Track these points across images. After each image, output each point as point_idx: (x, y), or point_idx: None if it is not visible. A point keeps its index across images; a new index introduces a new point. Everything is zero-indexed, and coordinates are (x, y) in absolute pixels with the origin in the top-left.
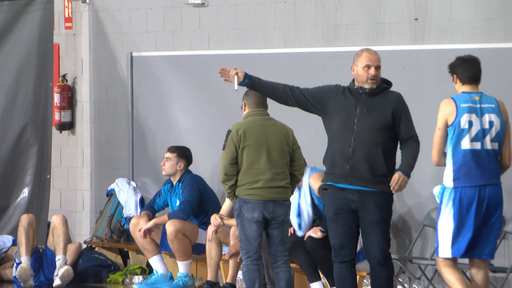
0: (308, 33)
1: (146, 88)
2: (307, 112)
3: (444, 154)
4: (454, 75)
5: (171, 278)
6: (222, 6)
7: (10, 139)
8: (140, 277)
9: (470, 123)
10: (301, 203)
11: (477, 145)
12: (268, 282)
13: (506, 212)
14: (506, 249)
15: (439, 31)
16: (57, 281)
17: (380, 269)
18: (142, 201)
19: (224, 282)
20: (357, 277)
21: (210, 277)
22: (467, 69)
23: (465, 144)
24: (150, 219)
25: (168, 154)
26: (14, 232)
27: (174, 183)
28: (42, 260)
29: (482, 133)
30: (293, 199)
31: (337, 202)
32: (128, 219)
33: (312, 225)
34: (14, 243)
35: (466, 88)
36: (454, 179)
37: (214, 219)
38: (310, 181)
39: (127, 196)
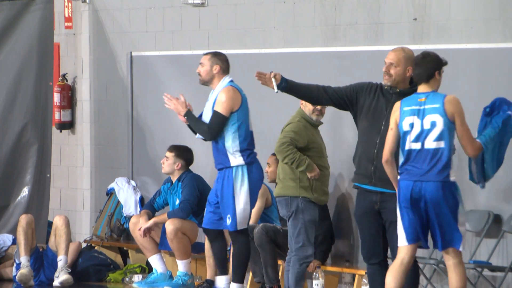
0: (307, 33)
1: (145, 87)
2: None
3: (394, 154)
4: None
5: (171, 277)
6: (221, 6)
7: (10, 138)
8: (140, 276)
9: (411, 125)
10: None
11: (417, 146)
12: (267, 281)
13: (504, 212)
14: (504, 248)
15: (438, 31)
16: (57, 283)
17: (377, 267)
18: (141, 200)
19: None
20: (356, 276)
21: (209, 276)
22: (423, 65)
23: (407, 145)
24: (149, 218)
25: (167, 153)
26: (14, 231)
27: (174, 182)
28: (42, 259)
29: (423, 134)
30: None
31: (362, 203)
32: (128, 218)
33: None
34: (14, 242)
35: (420, 88)
36: (399, 174)
37: None
38: None
39: (127, 195)
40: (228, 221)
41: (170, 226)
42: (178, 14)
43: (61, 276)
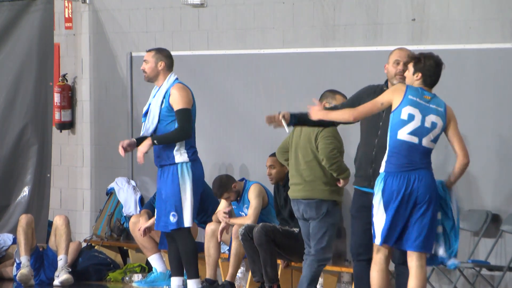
0: (306, 33)
1: (145, 87)
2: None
3: (362, 118)
4: (420, 73)
5: (170, 276)
6: (221, 6)
7: (10, 138)
8: (140, 275)
9: (411, 117)
10: None
11: (414, 140)
12: (266, 280)
13: (502, 211)
14: (502, 248)
15: (437, 32)
16: (57, 282)
17: (404, 267)
18: (141, 199)
19: (223, 280)
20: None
21: (208, 275)
22: (437, 74)
23: (402, 135)
24: (149, 217)
25: None
26: (14, 231)
27: None
28: (42, 259)
29: (422, 130)
30: None
31: (359, 199)
32: (128, 218)
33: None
34: (15, 241)
35: (424, 88)
36: (385, 165)
37: (223, 218)
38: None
39: (127, 195)
40: (173, 219)
41: None
42: (178, 15)
43: (61, 275)
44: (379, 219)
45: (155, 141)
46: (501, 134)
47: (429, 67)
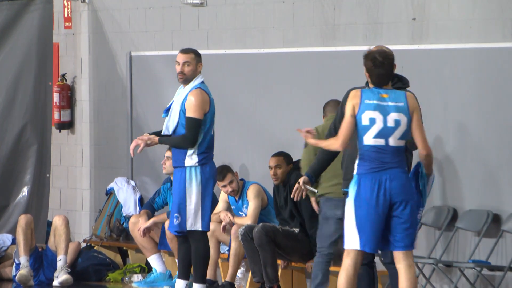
0: (306, 33)
1: (145, 87)
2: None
3: (348, 140)
4: (367, 73)
5: (170, 276)
6: (221, 5)
7: (9, 138)
8: (139, 276)
9: (372, 120)
10: None
11: (381, 142)
12: (266, 281)
13: (503, 211)
14: (503, 247)
15: (437, 31)
16: (56, 283)
17: (394, 267)
18: (141, 200)
19: (223, 280)
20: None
21: (208, 275)
22: (376, 73)
23: (368, 140)
24: (149, 217)
25: (168, 153)
26: (13, 231)
27: None
28: (42, 259)
29: (387, 131)
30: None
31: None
32: (127, 218)
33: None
34: (14, 241)
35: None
36: (357, 168)
37: (225, 216)
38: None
39: (126, 195)
40: (175, 221)
41: None
42: (178, 14)
43: (61, 276)
44: (351, 222)
45: (161, 142)
46: (501, 134)
47: (369, 67)
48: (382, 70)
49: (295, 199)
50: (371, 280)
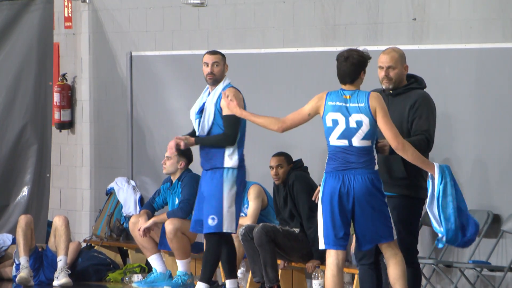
0: (307, 33)
1: (145, 87)
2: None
3: (289, 129)
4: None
5: (170, 276)
6: (221, 5)
7: (10, 138)
8: (140, 276)
9: (335, 122)
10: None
11: (344, 142)
12: (266, 281)
13: (503, 211)
14: (503, 248)
15: (437, 31)
16: (56, 284)
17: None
18: (141, 199)
19: (223, 280)
20: (355, 276)
21: None
22: (342, 71)
23: (333, 141)
24: (149, 217)
25: (168, 153)
26: (14, 231)
27: (174, 182)
28: (42, 260)
29: (349, 132)
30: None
31: None
32: (127, 218)
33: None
34: (14, 241)
35: (344, 87)
36: (326, 167)
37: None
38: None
39: (127, 195)
40: (211, 222)
41: (170, 225)
42: (178, 14)
43: (61, 278)
44: (320, 221)
45: (198, 142)
46: (501, 134)
47: (338, 66)
48: (343, 67)
49: (315, 201)
50: (375, 282)
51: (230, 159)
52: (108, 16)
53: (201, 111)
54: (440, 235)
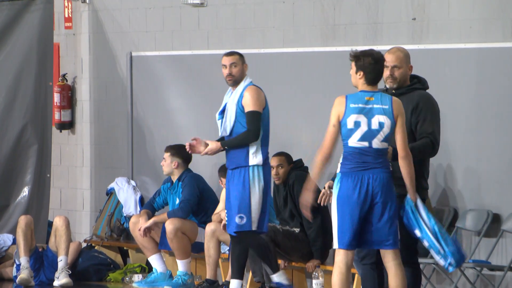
0: (307, 33)
1: (145, 87)
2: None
3: (333, 149)
4: (361, 71)
5: (171, 276)
6: (221, 6)
7: (10, 138)
8: (140, 276)
9: (357, 124)
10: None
11: (364, 144)
12: (266, 280)
13: (503, 211)
14: (503, 247)
15: (437, 31)
16: (57, 284)
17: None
18: (141, 199)
19: (223, 280)
20: (356, 275)
21: (209, 275)
22: (376, 71)
23: (352, 142)
24: (149, 217)
25: (164, 154)
26: (14, 231)
27: (174, 182)
28: (42, 260)
29: (371, 133)
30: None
31: None
32: (128, 218)
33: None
34: (14, 241)
35: (367, 87)
36: (340, 167)
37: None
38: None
39: (127, 195)
40: (240, 221)
41: (170, 225)
42: (178, 14)
43: (61, 278)
44: (334, 221)
45: (225, 147)
46: (501, 133)
47: (368, 65)
48: (378, 68)
49: (321, 205)
50: (376, 281)
51: (254, 157)
52: (108, 16)
53: (223, 111)
54: (443, 262)
